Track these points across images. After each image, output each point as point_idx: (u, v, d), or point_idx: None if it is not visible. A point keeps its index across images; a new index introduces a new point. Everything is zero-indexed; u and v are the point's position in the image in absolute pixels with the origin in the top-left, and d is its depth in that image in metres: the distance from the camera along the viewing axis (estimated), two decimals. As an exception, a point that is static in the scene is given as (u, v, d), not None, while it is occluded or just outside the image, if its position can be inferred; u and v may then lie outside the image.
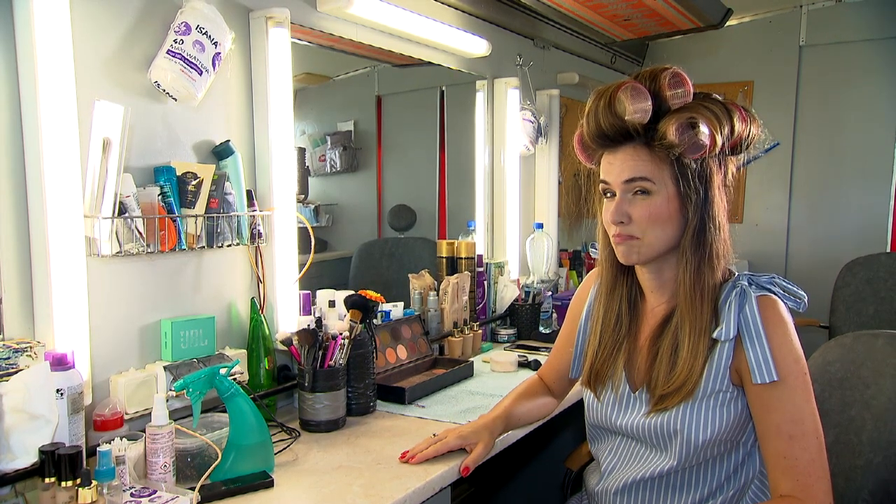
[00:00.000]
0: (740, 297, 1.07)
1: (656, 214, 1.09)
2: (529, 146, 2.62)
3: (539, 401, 1.43)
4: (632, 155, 1.09)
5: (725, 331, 1.06)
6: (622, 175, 1.10)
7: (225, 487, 1.16)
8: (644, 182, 1.08)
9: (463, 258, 2.28)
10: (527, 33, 2.67)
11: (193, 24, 1.33)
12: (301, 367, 1.48)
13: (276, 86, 1.55)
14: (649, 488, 1.15)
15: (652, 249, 1.11)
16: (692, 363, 1.08)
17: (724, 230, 1.11)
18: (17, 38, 1.15)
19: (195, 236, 1.39)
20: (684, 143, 1.05)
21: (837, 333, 2.80)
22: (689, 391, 1.08)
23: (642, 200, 1.09)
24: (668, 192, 1.08)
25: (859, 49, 3.28)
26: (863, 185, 3.31)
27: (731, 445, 1.10)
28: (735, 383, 1.08)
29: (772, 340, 1.04)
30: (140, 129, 1.34)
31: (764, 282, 1.09)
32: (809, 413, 1.03)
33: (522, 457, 2.35)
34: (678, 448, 1.10)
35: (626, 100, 1.06)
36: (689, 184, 1.08)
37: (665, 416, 1.10)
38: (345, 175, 2.54)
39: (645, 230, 1.10)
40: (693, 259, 1.10)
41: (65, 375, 1.11)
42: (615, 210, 1.10)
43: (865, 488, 1.28)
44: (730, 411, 1.08)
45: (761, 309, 1.05)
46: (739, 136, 1.09)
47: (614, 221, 1.11)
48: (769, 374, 1.02)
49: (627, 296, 1.22)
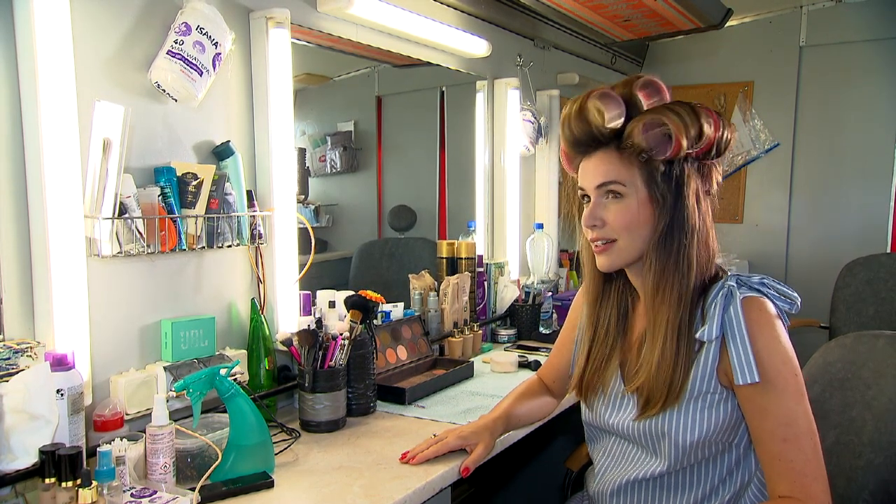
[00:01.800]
0: (726, 297, 1.06)
1: (628, 218, 1.09)
2: (529, 146, 2.62)
3: (539, 401, 1.43)
4: (603, 159, 1.11)
5: (708, 331, 1.05)
6: (595, 180, 1.12)
7: (225, 488, 1.16)
8: (615, 185, 1.10)
9: (463, 258, 2.28)
10: (527, 34, 2.67)
11: (194, 25, 1.33)
12: (301, 368, 1.48)
13: (276, 86, 1.55)
14: (643, 490, 1.15)
15: (626, 253, 1.12)
16: (672, 365, 1.08)
17: (699, 235, 1.09)
18: (17, 39, 1.15)
19: (195, 237, 1.39)
20: (648, 142, 1.06)
21: (838, 334, 2.80)
22: (674, 394, 1.08)
23: (614, 204, 1.11)
24: (640, 196, 1.09)
25: (860, 49, 3.28)
26: (863, 186, 3.31)
27: (723, 447, 1.10)
28: (724, 385, 1.07)
29: (757, 341, 1.03)
30: (140, 129, 1.34)
31: (754, 283, 1.09)
32: (802, 414, 1.03)
33: (523, 457, 2.35)
34: (667, 450, 1.10)
35: (594, 107, 1.08)
36: (658, 186, 1.08)
37: (653, 419, 1.10)
38: (345, 175, 2.54)
39: (619, 234, 1.11)
40: (657, 262, 1.09)
41: (65, 376, 1.11)
42: (588, 214, 1.13)
43: (866, 489, 1.27)
44: (719, 413, 1.08)
45: (746, 310, 1.05)
46: (710, 139, 1.07)
47: (588, 225, 1.13)
48: (751, 375, 1.01)
49: (618, 301, 1.22)
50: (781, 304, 1.09)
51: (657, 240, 1.09)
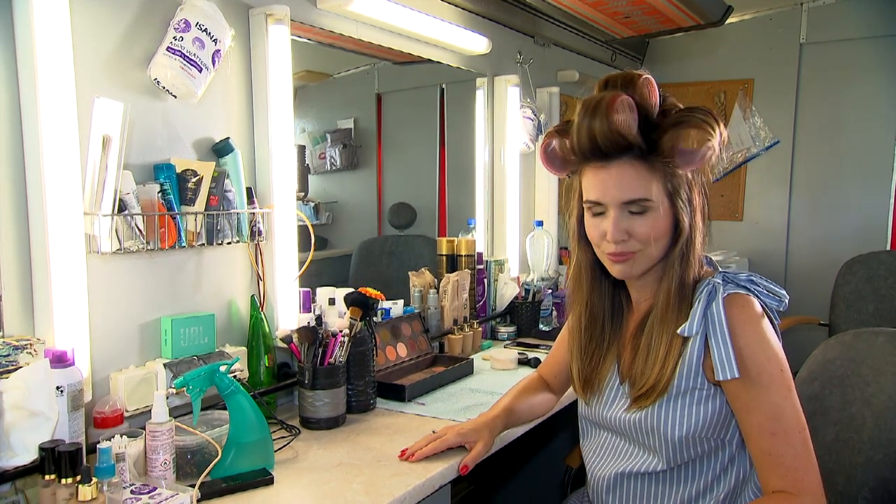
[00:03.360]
0: (709, 294, 1.07)
1: (656, 231, 1.08)
2: (529, 144, 2.62)
3: (539, 397, 1.43)
4: (628, 172, 1.06)
5: (689, 327, 1.06)
6: (620, 194, 1.07)
7: (225, 484, 1.16)
8: (645, 202, 1.07)
9: (463, 256, 2.28)
10: (527, 31, 2.67)
11: (193, 21, 1.33)
12: (301, 365, 1.48)
13: (276, 83, 1.55)
14: (637, 484, 1.15)
15: (648, 262, 1.11)
16: (664, 362, 1.08)
17: (701, 235, 1.11)
18: (16, 35, 1.15)
19: (195, 233, 1.39)
20: (687, 158, 1.04)
21: (837, 331, 2.79)
22: (662, 390, 1.08)
23: (642, 218, 1.08)
24: (664, 206, 1.08)
25: (860, 47, 3.28)
26: (863, 183, 3.31)
27: (715, 444, 1.10)
28: (710, 381, 1.08)
29: (739, 338, 1.03)
30: (140, 126, 1.34)
31: (742, 280, 1.09)
32: (790, 409, 1.03)
33: (523, 454, 2.35)
34: (658, 445, 1.10)
35: (622, 116, 1.03)
36: (683, 196, 1.08)
37: (643, 413, 1.11)
38: (345, 173, 2.54)
39: (644, 245, 1.09)
40: (679, 268, 1.10)
41: (65, 372, 1.11)
42: (615, 229, 1.08)
43: (866, 486, 1.28)
44: (707, 408, 1.08)
45: (728, 306, 1.05)
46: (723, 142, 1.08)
47: (615, 240, 1.09)
48: (731, 371, 1.02)
49: (611, 298, 1.22)
50: (770, 301, 1.09)
51: (681, 248, 1.09)
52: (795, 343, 1.09)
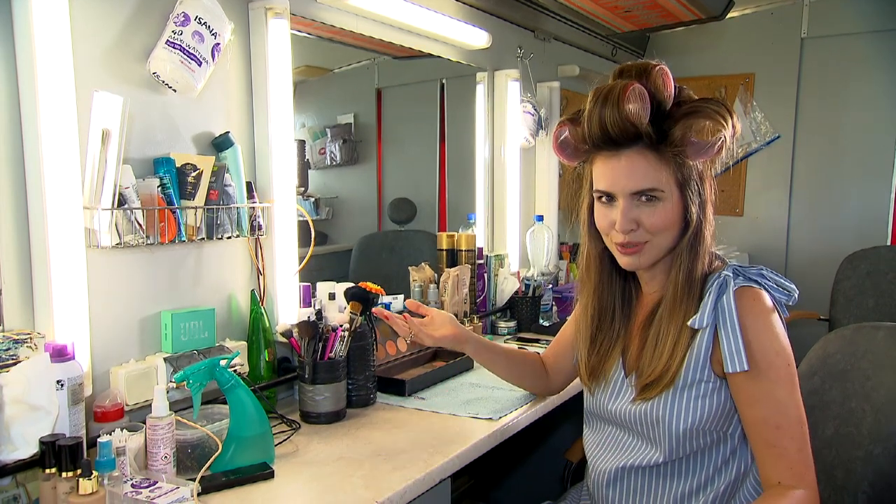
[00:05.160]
0: (720, 287, 1.07)
1: (666, 221, 1.08)
2: (530, 139, 2.61)
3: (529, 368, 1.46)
4: (638, 161, 1.07)
5: (699, 319, 1.06)
6: (630, 184, 1.07)
7: (225, 479, 1.16)
8: (656, 192, 1.07)
9: (463, 251, 2.28)
10: (527, 25, 2.66)
11: (192, 15, 1.33)
12: (301, 359, 1.48)
13: (275, 78, 1.54)
14: (637, 477, 1.16)
15: (658, 252, 1.12)
16: (672, 353, 1.09)
17: (711, 227, 1.11)
18: (15, 29, 1.15)
19: (195, 228, 1.39)
20: (699, 149, 1.04)
21: (838, 326, 2.79)
22: (669, 381, 1.08)
23: (651, 208, 1.08)
24: (674, 197, 1.08)
25: (861, 41, 3.27)
26: (863, 178, 3.30)
27: (717, 437, 1.10)
28: (717, 374, 1.08)
29: (749, 331, 1.04)
30: (139, 120, 1.34)
31: (752, 273, 1.09)
32: (794, 405, 1.04)
33: (522, 449, 2.35)
34: (661, 437, 1.11)
35: (635, 105, 1.03)
36: (692, 187, 1.08)
37: (648, 405, 1.11)
38: (345, 168, 2.54)
39: (653, 235, 1.09)
40: (688, 259, 1.10)
41: (65, 367, 1.11)
42: (624, 219, 1.08)
43: (865, 480, 1.28)
44: (712, 401, 1.08)
45: (739, 299, 1.05)
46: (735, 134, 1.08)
47: (623, 230, 1.09)
48: (741, 364, 1.02)
49: (621, 289, 1.22)
50: (779, 295, 1.09)
51: (690, 239, 1.09)
52: (796, 338, 1.09)
